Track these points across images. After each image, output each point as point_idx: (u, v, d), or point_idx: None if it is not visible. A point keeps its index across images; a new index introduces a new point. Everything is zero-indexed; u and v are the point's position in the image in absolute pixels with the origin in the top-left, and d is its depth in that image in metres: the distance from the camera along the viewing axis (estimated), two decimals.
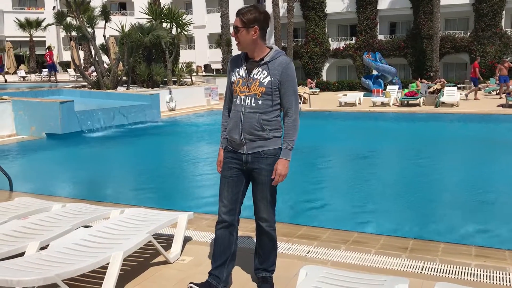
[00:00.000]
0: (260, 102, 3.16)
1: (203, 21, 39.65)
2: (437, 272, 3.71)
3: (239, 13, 3.15)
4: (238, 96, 3.22)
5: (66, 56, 40.71)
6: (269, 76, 3.16)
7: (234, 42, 3.30)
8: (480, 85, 27.03)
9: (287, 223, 5.04)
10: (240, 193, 3.35)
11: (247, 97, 3.18)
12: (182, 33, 22.92)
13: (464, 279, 3.59)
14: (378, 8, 32.43)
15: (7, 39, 39.71)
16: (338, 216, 6.15)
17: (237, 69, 3.25)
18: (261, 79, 3.16)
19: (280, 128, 3.28)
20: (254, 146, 3.22)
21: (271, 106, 3.21)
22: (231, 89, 3.34)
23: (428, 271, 3.73)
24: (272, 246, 3.46)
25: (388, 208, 6.57)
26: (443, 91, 19.98)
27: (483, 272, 3.69)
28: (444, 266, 3.81)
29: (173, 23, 22.33)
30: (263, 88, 3.15)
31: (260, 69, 3.17)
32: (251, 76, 3.18)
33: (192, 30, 32.51)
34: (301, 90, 21.45)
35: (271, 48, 3.23)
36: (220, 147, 3.48)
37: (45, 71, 33.54)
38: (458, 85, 27.12)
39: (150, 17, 22.02)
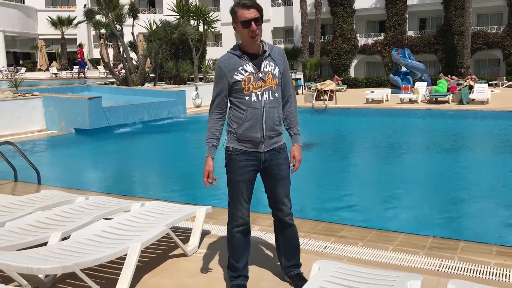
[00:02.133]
0: (276, 95, 3.16)
1: (230, 18, 39.54)
2: (454, 270, 3.66)
3: (251, 5, 3.00)
4: (253, 93, 3.09)
5: (96, 54, 41.49)
6: (277, 67, 3.17)
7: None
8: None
9: (306, 218, 5.04)
10: (253, 191, 3.34)
11: (264, 92, 3.10)
12: (209, 30, 23.05)
13: (482, 277, 3.53)
14: (407, 3, 31.88)
15: (40, 37, 40.78)
16: (358, 213, 6.11)
17: (240, 67, 3.09)
18: (272, 71, 3.14)
19: None
20: (271, 143, 3.20)
21: (281, 98, 3.25)
22: (228, 91, 3.15)
23: (445, 268, 3.68)
24: (298, 238, 3.48)
25: (410, 206, 6.50)
26: (468, 87, 19.51)
27: (503, 271, 3.62)
28: (462, 264, 3.75)
29: (200, 20, 22.50)
30: (277, 79, 3.15)
31: (267, 62, 3.14)
32: (262, 70, 3.12)
33: (219, 27, 32.65)
34: (328, 86, 21.32)
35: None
36: (207, 155, 3.24)
37: (76, 68, 34.28)
38: (490, 82, 26.51)
39: (177, 14, 22.24)
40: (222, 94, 3.17)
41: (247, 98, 3.11)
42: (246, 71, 3.09)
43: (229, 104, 3.24)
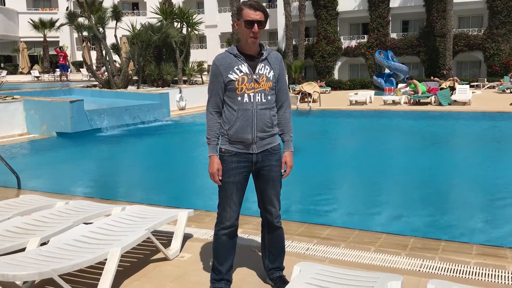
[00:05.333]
0: (269, 97, 3.18)
1: (214, 21, 39.72)
2: (435, 270, 3.68)
3: (259, 7, 3.05)
4: (245, 94, 3.10)
5: (79, 56, 41.09)
6: (272, 71, 3.19)
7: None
8: (494, 83, 26.77)
9: (289, 220, 5.03)
10: (244, 195, 3.32)
11: (257, 94, 3.12)
12: (193, 33, 23.00)
13: (462, 277, 3.56)
14: (390, 6, 32.18)
15: (21, 39, 40.23)
16: (340, 214, 6.13)
17: (235, 67, 3.11)
18: (266, 74, 3.16)
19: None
20: (263, 144, 3.21)
21: (275, 101, 3.26)
22: (223, 89, 3.16)
23: (426, 269, 3.71)
24: (284, 242, 3.49)
25: (392, 206, 6.53)
26: (449, 89, 19.74)
27: (482, 270, 3.66)
28: (443, 264, 3.78)
29: (184, 23, 22.43)
30: (270, 83, 3.17)
31: (263, 64, 3.16)
32: (256, 72, 3.13)
33: (204, 30, 32.59)
34: (312, 88, 21.40)
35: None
36: (211, 154, 3.21)
37: (58, 71, 33.91)
38: (472, 83, 26.88)
39: (161, 16, 22.15)
40: (218, 92, 3.18)
41: (239, 98, 3.12)
42: (240, 71, 3.11)
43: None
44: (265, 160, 3.23)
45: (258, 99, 3.12)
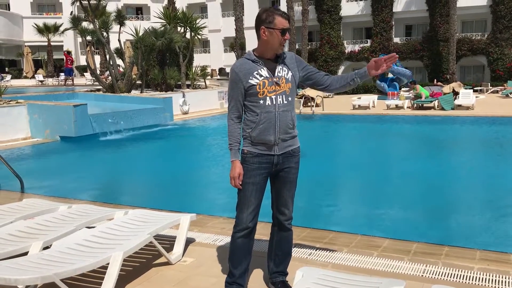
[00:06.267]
0: (290, 98, 3.24)
1: (218, 25, 39.85)
2: (438, 275, 3.67)
3: (284, 15, 3.17)
4: (267, 97, 3.17)
5: (83, 61, 41.26)
6: (290, 71, 3.26)
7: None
8: (497, 88, 26.72)
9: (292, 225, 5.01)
10: (263, 197, 3.34)
11: (278, 96, 3.18)
12: (196, 37, 23.05)
13: (465, 282, 3.54)
14: (393, 10, 32.22)
15: (25, 43, 40.45)
16: (343, 219, 6.11)
17: (255, 72, 3.17)
18: (285, 76, 3.23)
19: None
20: (285, 145, 3.26)
21: (294, 102, 3.32)
22: (243, 95, 3.21)
23: (429, 274, 3.69)
24: (291, 246, 3.51)
25: (395, 211, 6.51)
26: (452, 94, 19.70)
27: (486, 275, 3.64)
28: (446, 270, 3.76)
29: (187, 27, 22.48)
30: (290, 84, 3.24)
31: (281, 67, 3.23)
32: (276, 74, 3.20)
33: (207, 34, 32.70)
34: (315, 93, 21.39)
35: None
36: (234, 159, 3.23)
37: (62, 75, 34.03)
38: (475, 88, 26.85)
39: (164, 21, 22.21)
40: (239, 98, 3.23)
41: (261, 102, 3.18)
42: (261, 76, 3.18)
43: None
44: (285, 162, 3.29)
45: (280, 101, 3.19)
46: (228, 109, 3.32)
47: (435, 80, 28.52)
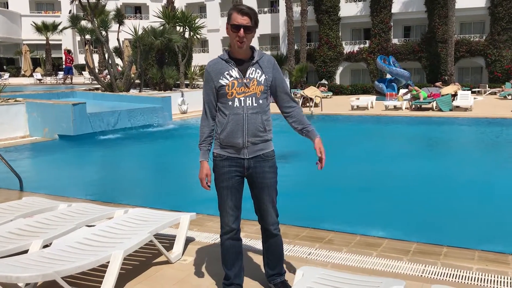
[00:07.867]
0: (260, 101, 3.14)
1: (217, 25, 39.82)
2: (437, 275, 3.68)
3: (247, 12, 3.01)
4: (236, 98, 3.09)
5: (82, 59, 41.19)
6: (264, 74, 3.16)
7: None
8: (495, 89, 26.79)
9: (290, 225, 5.03)
10: (241, 198, 3.31)
11: (247, 98, 3.10)
12: (195, 37, 23.05)
13: (464, 282, 3.56)
14: (392, 11, 32.24)
15: (24, 42, 40.36)
16: (342, 219, 6.12)
17: (226, 72, 3.10)
18: (257, 78, 3.13)
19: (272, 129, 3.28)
20: (255, 149, 3.18)
21: (267, 106, 3.23)
22: (215, 95, 3.17)
23: (428, 274, 3.71)
24: (282, 248, 3.47)
25: (394, 211, 6.53)
26: (450, 95, 19.74)
27: (485, 276, 3.66)
28: (445, 270, 3.78)
29: (186, 27, 22.49)
30: (262, 86, 3.14)
31: (253, 68, 3.14)
32: (247, 76, 3.12)
33: (206, 34, 32.67)
34: (313, 93, 21.43)
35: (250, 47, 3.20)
36: (201, 160, 3.23)
37: (61, 74, 33.97)
38: (473, 89, 26.91)
39: (163, 20, 22.21)
40: (210, 98, 3.19)
41: (230, 103, 3.11)
42: (231, 76, 3.10)
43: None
44: (257, 167, 3.20)
45: (248, 103, 3.10)
46: (202, 109, 3.29)
47: (440, 79, 28.59)
